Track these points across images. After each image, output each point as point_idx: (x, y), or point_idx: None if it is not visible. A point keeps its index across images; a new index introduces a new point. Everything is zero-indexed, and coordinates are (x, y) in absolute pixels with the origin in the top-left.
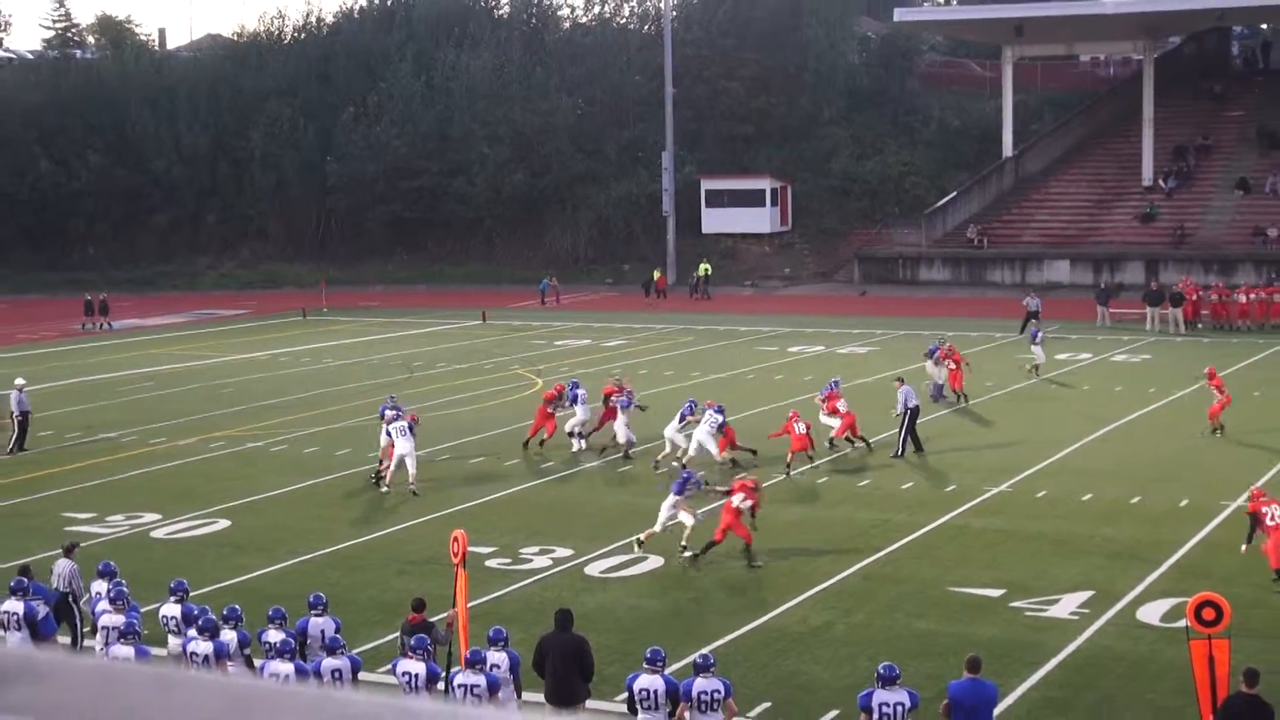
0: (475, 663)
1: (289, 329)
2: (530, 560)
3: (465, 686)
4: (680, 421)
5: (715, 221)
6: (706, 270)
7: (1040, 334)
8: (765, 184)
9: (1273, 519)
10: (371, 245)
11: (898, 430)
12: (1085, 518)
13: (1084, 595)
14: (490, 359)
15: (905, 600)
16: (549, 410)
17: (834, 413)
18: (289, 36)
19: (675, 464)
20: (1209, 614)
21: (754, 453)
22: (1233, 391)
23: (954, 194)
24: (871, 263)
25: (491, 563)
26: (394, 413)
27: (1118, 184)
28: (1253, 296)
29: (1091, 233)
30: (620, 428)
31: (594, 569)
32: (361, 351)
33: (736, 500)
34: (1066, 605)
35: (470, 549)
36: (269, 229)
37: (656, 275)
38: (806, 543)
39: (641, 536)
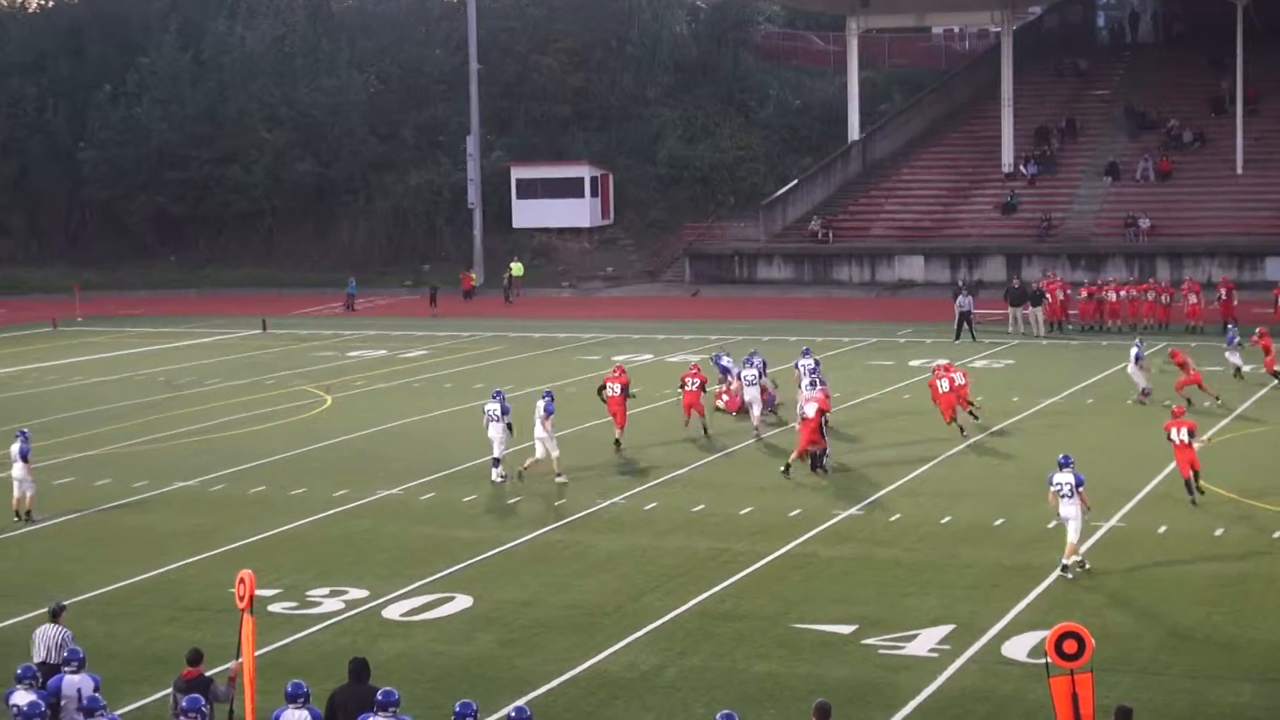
0: None
1: (36, 342)
2: (320, 603)
3: None
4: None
5: (528, 215)
6: (518, 270)
7: (1140, 354)
8: (584, 172)
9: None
10: (133, 244)
11: None
12: (944, 543)
13: (943, 630)
14: (273, 374)
15: (746, 639)
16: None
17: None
18: (34, 5)
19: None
20: (1070, 646)
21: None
22: (1103, 401)
23: (795, 182)
24: (704, 260)
25: (275, 607)
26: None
27: (975, 170)
28: (1123, 294)
29: (947, 225)
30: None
31: (393, 611)
32: (123, 366)
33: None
34: (925, 641)
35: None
36: (10, 224)
37: (463, 276)
38: (634, 577)
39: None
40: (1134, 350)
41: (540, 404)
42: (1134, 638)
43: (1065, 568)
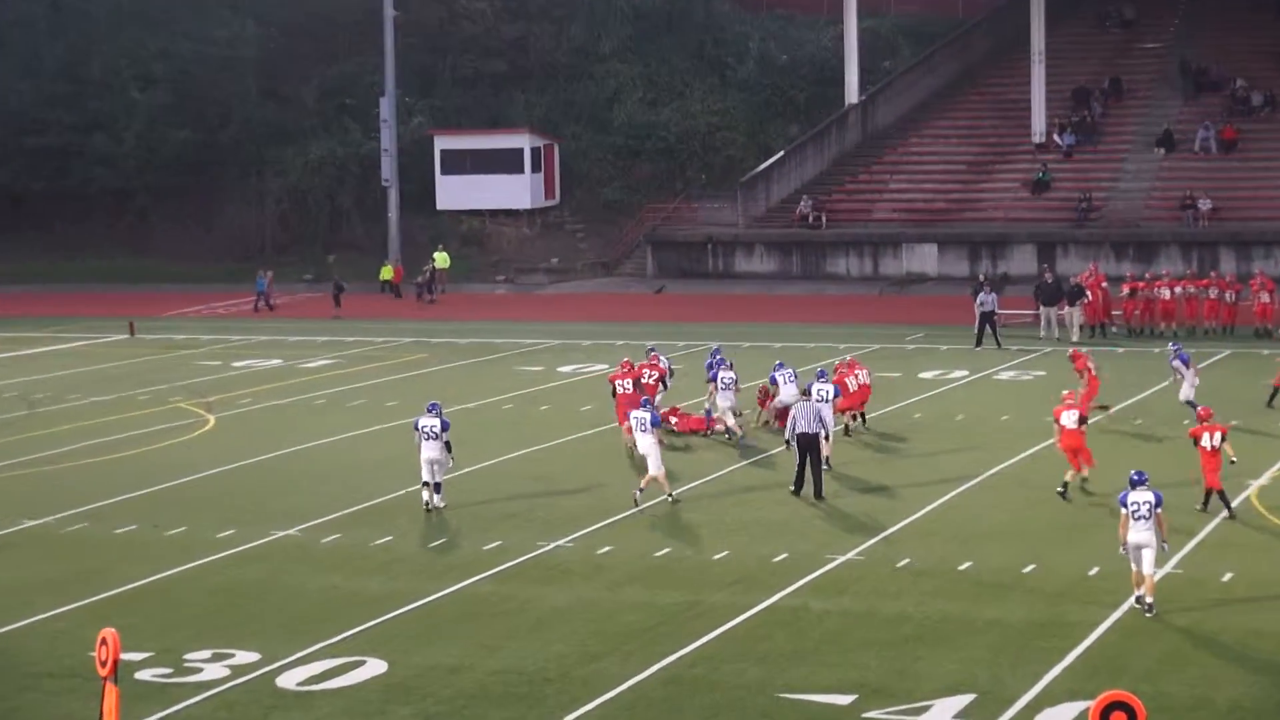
0: None
1: None
2: (200, 669)
3: None
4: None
5: (455, 194)
6: (443, 261)
7: (1181, 361)
8: (523, 142)
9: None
10: None
11: None
12: (963, 594)
13: (962, 700)
14: (146, 388)
15: (723, 713)
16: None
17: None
18: None
19: None
20: (1119, 719)
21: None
22: (1156, 421)
23: (780, 155)
24: (670, 249)
25: (144, 674)
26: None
27: (1000, 141)
28: (1179, 290)
29: (966, 207)
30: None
31: (289, 679)
32: None
33: None
34: (939, 715)
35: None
36: None
37: (394, 268)
38: (584, 638)
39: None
40: (1173, 353)
41: (643, 416)
42: (1194, 709)
43: (1141, 600)
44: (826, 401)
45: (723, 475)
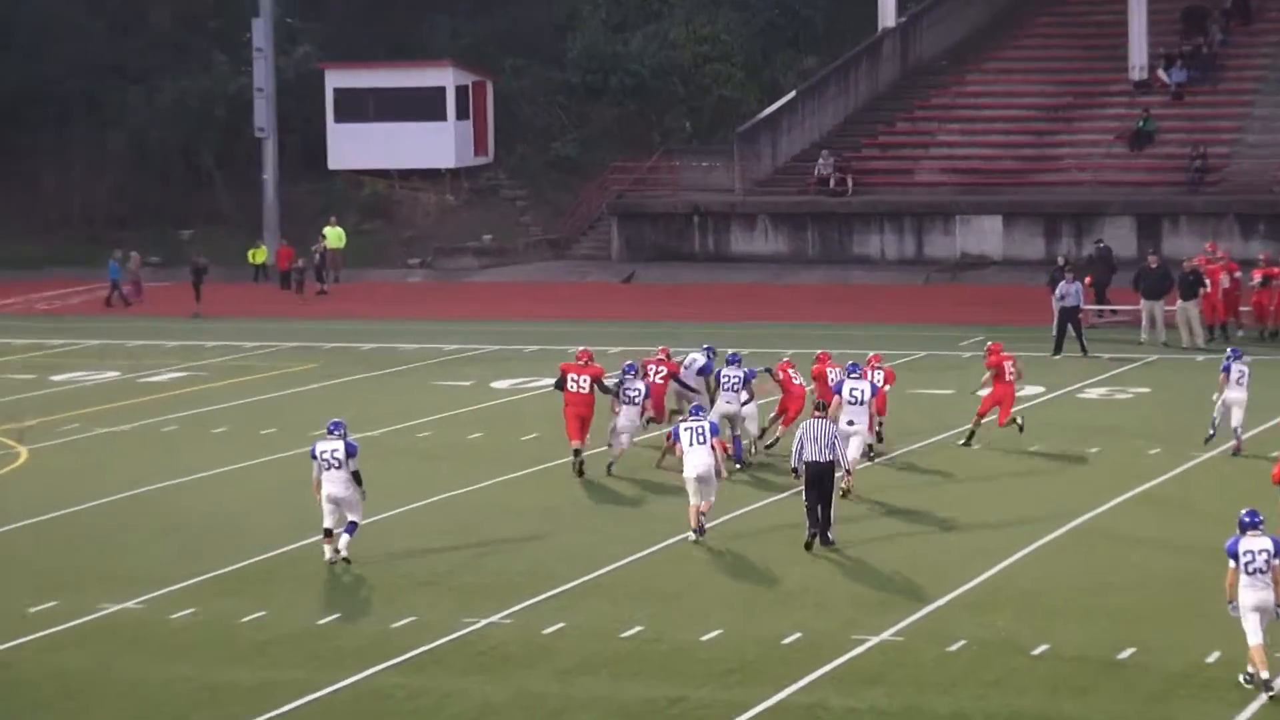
0: None
1: None
2: None
3: None
4: None
5: (353, 149)
6: (336, 239)
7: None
8: (446, 79)
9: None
10: None
11: None
12: (1037, 688)
13: None
14: None
15: None
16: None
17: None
18: None
19: None
20: None
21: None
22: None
23: (791, 95)
24: (643, 223)
25: None
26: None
27: (1084, 78)
28: None
29: (1040, 167)
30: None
31: None
32: None
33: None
34: None
35: None
36: None
37: (280, 249)
38: None
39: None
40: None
41: (700, 426)
42: None
43: (1254, 678)
44: (862, 404)
45: (713, 520)
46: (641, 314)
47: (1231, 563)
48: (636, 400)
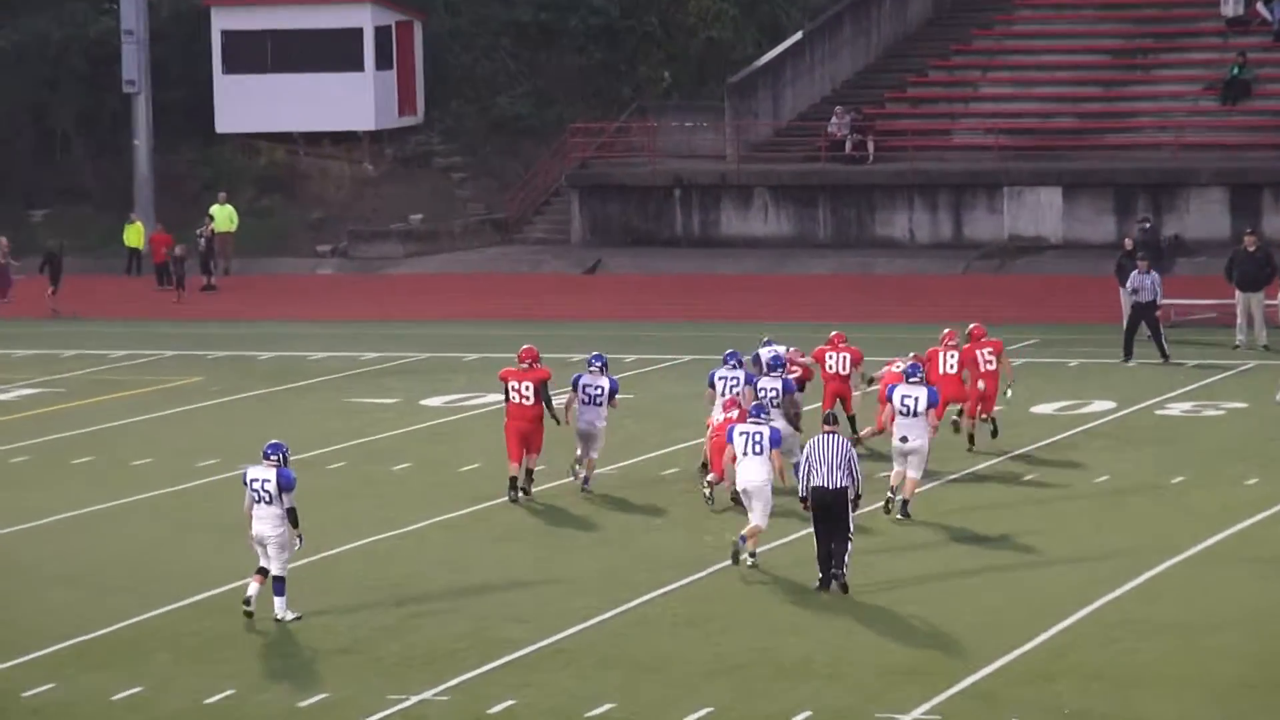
0: None
1: None
2: None
3: None
4: None
5: (247, 108)
6: (225, 220)
7: None
8: (363, 19)
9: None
10: None
11: None
12: None
13: None
14: None
15: None
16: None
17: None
18: None
19: None
20: None
21: None
22: None
23: (797, 38)
24: (611, 199)
25: None
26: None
27: (1165, 16)
28: None
29: (1107, 125)
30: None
31: None
32: None
33: None
34: None
35: None
36: None
37: (155, 237)
38: None
39: None
40: None
41: (758, 431)
42: None
43: None
44: (915, 415)
45: (714, 572)
46: (609, 313)
47: None
48: (599, 400)
